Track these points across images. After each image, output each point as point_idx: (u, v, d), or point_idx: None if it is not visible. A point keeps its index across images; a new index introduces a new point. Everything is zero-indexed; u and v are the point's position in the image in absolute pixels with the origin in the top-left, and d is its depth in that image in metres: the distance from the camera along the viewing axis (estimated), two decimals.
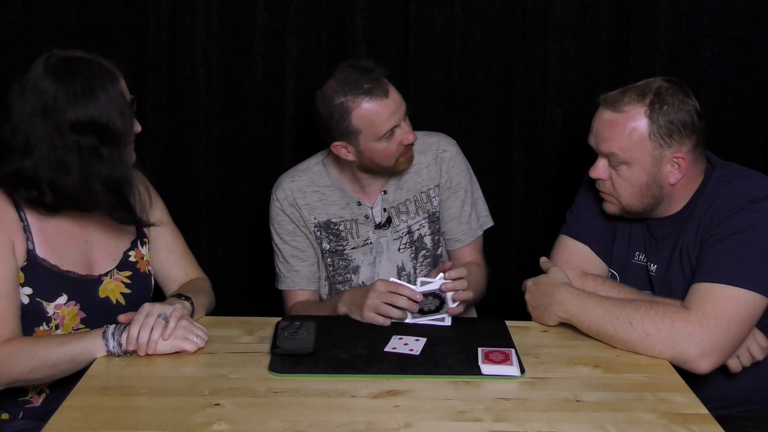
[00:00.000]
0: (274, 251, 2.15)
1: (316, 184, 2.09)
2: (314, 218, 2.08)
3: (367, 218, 2.09)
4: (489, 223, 2.20)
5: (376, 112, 1.90)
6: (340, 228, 2.09)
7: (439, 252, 2.16)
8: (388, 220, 2.10)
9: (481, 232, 2.18)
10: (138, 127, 1.70)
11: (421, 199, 2.11)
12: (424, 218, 2.12)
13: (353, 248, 2.10)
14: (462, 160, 2.14)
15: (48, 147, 1.57)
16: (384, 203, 2.09)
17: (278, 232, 2.11)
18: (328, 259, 2.11)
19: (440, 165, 2.10)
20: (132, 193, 1.67)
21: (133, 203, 1.68)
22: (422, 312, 1.77)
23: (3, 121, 1.61)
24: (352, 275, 2.12)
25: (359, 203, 2.08)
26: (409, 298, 1.75)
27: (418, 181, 2.10)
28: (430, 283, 1.76)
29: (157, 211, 1.88)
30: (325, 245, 2.10)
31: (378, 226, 2.09)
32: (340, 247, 2.10)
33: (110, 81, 1.62)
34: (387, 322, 1.77)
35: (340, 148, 1.97)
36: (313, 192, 2.08)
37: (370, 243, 2.10)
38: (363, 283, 2.10)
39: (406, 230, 2.11)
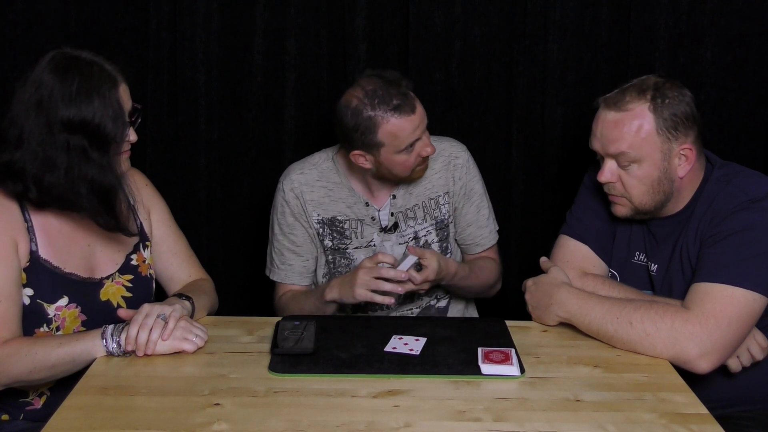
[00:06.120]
0: (269, 239, 2.14)
1: (325, 180, 2.08)
2: (318, 214, 2.07)
3: (374, 220, 2.08)
4: (496, 226, 2.23)
5: (402, 128, 1.90)
6: (345, 226, 2.08)
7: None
8: (395, 225, 2.09)
9: (497, 235, 2.21)
10: (133, 137, 1.68)
11: (429, 205, 2.10)
12: (432, 225, 2.11)
13: (356, 248, 2.09)
14: (474, 165, 2.14)
15: (37, 142, 1.57)
16: (392, 207, 2.08)
17: (279, 222, 2.10)
18: (330, 257, 2.11)
19: (452, 172, 2.10)
20: (118, 200, 1.66)
21: (119, 211, 1.66)
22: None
23: (5, 112, 1.62)
24: None
25: (367, 204, 2.07)
26: (395, 274, 1.83)
27: (428, 187, 2.10)
28: (406, 259, 1.87)
29: (159, 213, 1.88)
30: (327, 242, 2.09)
31: (384, 230, 2.09)
32: (343, 246, 2.09)
33: (108, 86, 1.61)
34: (386, 300, 1.81)
35: (359, 157, 1.97)
36: (321, 187, 2.07)
37: (374, 245, 2.09)
38: None
39: (412, 236, 2.10)
